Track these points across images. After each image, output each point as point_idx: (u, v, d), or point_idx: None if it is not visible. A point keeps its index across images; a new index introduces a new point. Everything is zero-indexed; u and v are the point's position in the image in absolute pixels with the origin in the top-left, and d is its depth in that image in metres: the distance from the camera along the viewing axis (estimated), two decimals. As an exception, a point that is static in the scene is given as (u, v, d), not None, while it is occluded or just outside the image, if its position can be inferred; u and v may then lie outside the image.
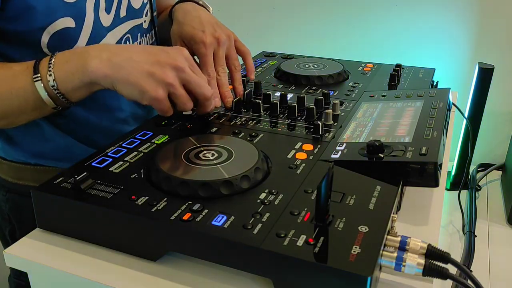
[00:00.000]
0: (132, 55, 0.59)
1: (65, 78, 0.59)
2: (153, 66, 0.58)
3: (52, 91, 0.60)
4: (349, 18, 1.53)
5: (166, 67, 0.59)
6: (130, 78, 0.58)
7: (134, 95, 0.59)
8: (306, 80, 0.90)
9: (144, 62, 0.58)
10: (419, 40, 1.47)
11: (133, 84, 0.58)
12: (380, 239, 0.46)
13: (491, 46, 1.41)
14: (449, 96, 0.77)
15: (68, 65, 0.60)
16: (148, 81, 0.58)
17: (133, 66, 0.58)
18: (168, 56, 0.60)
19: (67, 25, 0.66)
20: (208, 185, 0.52)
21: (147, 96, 0.58)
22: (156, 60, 0.59)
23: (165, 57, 0.59)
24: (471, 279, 0.47)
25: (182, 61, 0.60)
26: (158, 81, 0.58)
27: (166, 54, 0.60)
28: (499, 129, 1.47)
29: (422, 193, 0.64)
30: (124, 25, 0.75)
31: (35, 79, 0.59)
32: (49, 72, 0.59)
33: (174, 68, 0.59)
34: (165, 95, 0.59)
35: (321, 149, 0.64)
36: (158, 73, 0.58)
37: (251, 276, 0.48)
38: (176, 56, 0.60)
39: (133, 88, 0.58)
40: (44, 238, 0.55)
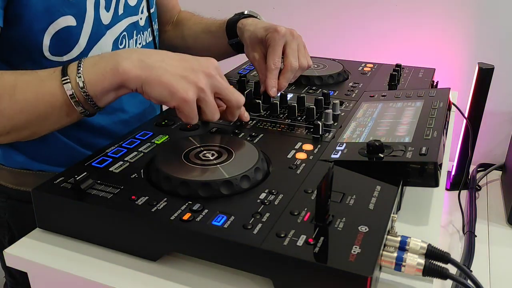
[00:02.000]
0: (164, 58, 0.60)
1: (96, 80, 0.59)
2: (186, 70, 0.59)
3: (81, 94, 0.59)
4: (349, 18, 1.53)
5: (199, 72, 0.59)
6: (162, 79, 0.57)
7: (164, 95, 0.58)
8: (306, 80, 0.90)
9: (176, 66, 0.59)
10: (419, 40, 1.47)
11: (164, 84, 0.58)
12: (380, 239, 0.46)
13: (491, 46, 1.41)
14: (449, 96, 0.77)
15: (97, 67, 0.59)
16: (181, 82, 0.58)
17: (165, 68, 0.58)
18: (200, 64, 0.60)
19: (69, 23, 0.66)
20: (208, 185, 0.52)
21: (177, 96, 0.58)
22: (189, 66, 0.59)
23: (197, 64, 0.60)
24: (471, 279, 0.47)
25: (213, 69, 0.61)
26: (190, 84, 0.58)
27: (198, 61, 0.61)
28: (499, 129, 1.47)
29: (422, 193, 0.64)
30: (121, 22, 0.75)
31: (64, 81, 0.58)
32: (78, 74, 0.58)
33: (206, 74, 0.60)
34: (194, 98, 0.59)
35: (321, 149, 0.64)
36: (191, 76, 0.58)
37: (251, 276, 0.48)
38: (208, 64, 0.61)
39: (164, 88, 0.58)
40: (44, 238, 0.55)
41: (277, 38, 0.77)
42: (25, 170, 0.76)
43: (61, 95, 0.59)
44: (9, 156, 0.76)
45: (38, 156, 0.75)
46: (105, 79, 0.58)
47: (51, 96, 0.59)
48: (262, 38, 0.80)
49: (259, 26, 0.82)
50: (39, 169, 0.75)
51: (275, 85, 0.76)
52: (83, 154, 0.74)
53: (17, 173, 0.76)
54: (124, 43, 0.77)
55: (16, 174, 0.76)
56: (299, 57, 0.79)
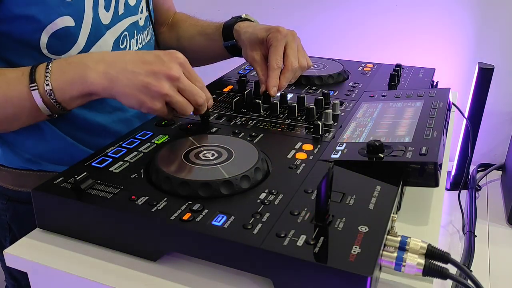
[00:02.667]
0: (127, 65, 0.60)
1: (63, 88, 0.60)
2: (148, 77, 0.59)
3: (49, 100, 0.60)
4: (349, 18, 1.53)
5: (161, 79, 0.59)
6: (126, 90, 0.59)
7: (132, 105, 0.61)
8: (306, 80, 0.90)
9: (138, 73, 0.59)
10: (419, 40, 1.47)
11: (130, 96, 0.59)
12: (380, 239, 0.46)
13: (491, 46, 1.41)
14: (449, 96, 0.77)
15: (65, 76, 0.60)
16: (144, 93, 0.59)
17: (128, 78, 0.59)
18: (163, 65, 0.60)
19: (66, 24, 0.66)
20: (208, 185, 0.52)
21: (145, 107, 0.60)
22: (151, 70, 0.59)
23: (159, 66, 0.60)
24: (471, 279, 0.47)
25: (176, 69, 0.60)
26: (154, 93, 0.59)
27: (161, 62, 0.60)
28: (499, 129, 1.47)
29: (422, 193, 0.64)
30: (122, 22, 0.75)
31: (32, 88, 0.59)
32: (46, 82, 0.59)
33: (169, 78, 0.60)
34: (162, 105, 0.60)
35: (321, 149, 0.64)
36: (154, 84, 0.59)
37: (251, 276, 0.48)
38: (171, 64, 0.60)
39: (131, 99, 0.60)
40: (44, 238, 0.55)
41: (279, 38, 0.77)
42: (26, 170, 0.76)
43: (29, 100, 0.60)
44: (9, 156, 0.76)
45: (39, 156, 0.75)
46: (73, 88, 0.60)
47: (19, 100, 0.60)
48: (263, 38, 0.80)
49: (258, 27, 0.83)
50: (40, 169, 0.75)
51: (276, 84, 0.76)
52: (85, 153, 0.74)
53: (18, 174, 0.76)
54: (125, 43, 0.77)
55: (16, 175, 0.76)
56: (299, 57, 0.79)
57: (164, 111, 0.61)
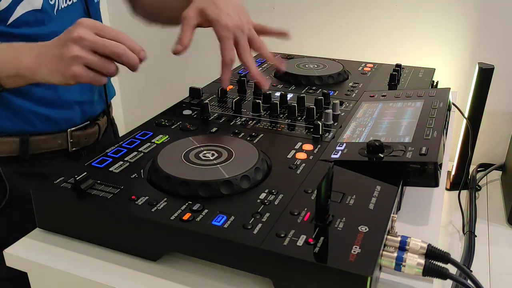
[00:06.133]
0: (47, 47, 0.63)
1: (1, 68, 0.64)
2: (58, 48, 0.62)
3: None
4: (349, 18, 1.52)
5: (68, 44, 0.61)
6: (49, 68, 0.62)
7: (61, 80, 0.62)
8: (306, 80, 0.90)
9: (52, 49, 0.62)
10: (419, 40, 1.47)
11: (53, 71, 0.62)
12: (380, 239, 0.46)
13: (491, 46, 1.41)
14: (449, 96, 0.77)
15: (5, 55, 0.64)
16: (60, 63, 0.61)
17: (47, 56, 0.62)
18: (68, 33, 0.62)
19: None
20: (208, 185, 0.52)
21: (67, 76, 0.61)
22: (60, 43, 0.62)
23: (65, 36, 0.62)
24: (471, 279, 0.47)
25: (81, 31, 0.61)
26: (67, 60, 0.61)
27: (67, 32, 0.63)
28: (499, 129, 1.47)
29: (422, 193, 0.64)
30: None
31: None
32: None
33: (74, 41, 0.61)
34: (80, 69, 0.61)
35: (321, 149, 0.64)
36: (63, 52, 0.61)
37: (251, 276, 0.48)
38: (75, 29, 0.62)
39: (56, 75, 0.62)
40: (44, 238, 0.55)
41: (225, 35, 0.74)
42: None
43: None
44: None
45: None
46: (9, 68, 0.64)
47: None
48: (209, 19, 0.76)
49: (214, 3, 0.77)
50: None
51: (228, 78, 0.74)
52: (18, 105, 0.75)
53: None
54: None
55: None
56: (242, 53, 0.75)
57: (87, 74, 0.61)
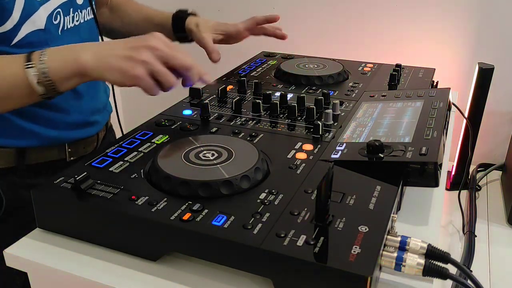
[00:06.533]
0: (113, 46, 0.66)
1: (58, 67, 0.63)
2: (130, 50, 0.65)
3: (43, 79, 0.63)
4: (349, 18, 1.52)
5: (141, 49, 0.65)
6: (112, 64, 0.64)
7: (118, 78, 0.64)
8: (306, 80, 0.90)
9: (121, 49, 0.65)
10: (419, 40, 1.47)
11: (115, 68, 0.64)
12: (380, 239, 0.46)
13: (491, 46, 1.41)
14: (449, 96, 0.77)
15: (59, 56, 0.64)
16: (127, 63, 0.64)
17: (113, 55, 0.65)
18: (143, 40, 0.66)
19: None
20: (208, 185, 0.52)
21: (128, 76, 0.64)
22: (132, 46, 0.65)
23: (139, 42, 0.66)
24: (471, 279, 0.47)
25: (155, 41, 0.66)
26: (135, 61, 0.64)
27: (141, 39, 0.67)
28: (499, 129, 1.47)
29: (422, 193, 0.64)
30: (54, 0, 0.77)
31: (26, 66, 0.63)
32: (41, 60, 0.63)
33: (148, 48, 0.65)
34: (144, 72, 0.64)
35: (321, 149, 0.64)
36: (135, 54, 0.64)
37: (251, 276, 0.48)
38: (150, 38, 0.66)
39: (116, 72, 0.64)
40: (44, 238, 0.55)
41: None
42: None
43: (22, 77, 0.63)
44: None
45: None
46: (66, 67, 0.64)
47: (14, 77, 0.63)
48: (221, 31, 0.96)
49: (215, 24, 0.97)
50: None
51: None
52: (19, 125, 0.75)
53: None
54: (58, 18, 0.77)
55: None
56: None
57: (148, 80, 0.64)
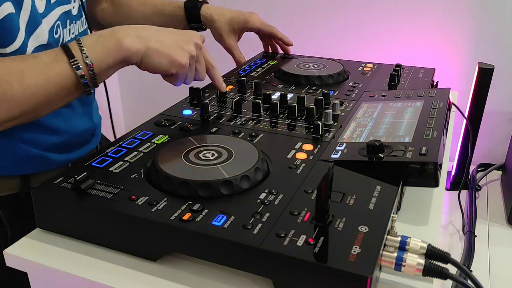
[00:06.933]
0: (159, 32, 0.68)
1: (101, 58, 0.62)
2: (180, 42, 0.68)
3: (88, 73, 0.62)
4: (349, 18, 1.52)
5: (191, 43, 0.69)
6: (160, 49, 0.65)
7: (163, 64, 0.66)
8: (306, 80, 0.90)
9: (170, 39, 0.67)
10: (419, 40, 1.47)
11: (163, 54, 0.65)
12: (380, 239, 0.46)
13: (491, 46, 1.41)
14: (449, 96, 0.77)
15: (101, 46, 0.63)
16: (177, 51, 0.67)
17: (161, 40, 0.66)
18: (190, 36, 0.70)
19: (9, 10, 0.64)
20: (208, 185, 0.52)
21: (176, 63, 0.66)
22: (181, 38, 0.69)
23: (188, 36, 0.70)
24: (471, 279, 0.47)
25: (199, 40, 0.71)
26: (186, 52, 0.68)
27: (187, 34, 0.70)
28: (499, 129, 1.47)
29: (422, 193, 0.64)
30: (55, 11, 0.74)
31: (73, 63, 0.61)
32: (84, 54, 0.61)
33: (195, 45, 0.70)
34: (188, 63, 0.68)
35: (321, 149, 0.64)
36: (186, 46, 0.68)
37: (251, 276, 0.48)
38: (196, 36, 0.71)
39: (163, 57, 0.65)
40: (44, 238, 0.55)
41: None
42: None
43: (70, 76, 0.61)
44: None
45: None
46: (109, 56, 0.63)
47: (60, 78, 0.61)
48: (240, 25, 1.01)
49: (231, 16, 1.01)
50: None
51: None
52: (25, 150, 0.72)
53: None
54: (58, 32, 0.74)
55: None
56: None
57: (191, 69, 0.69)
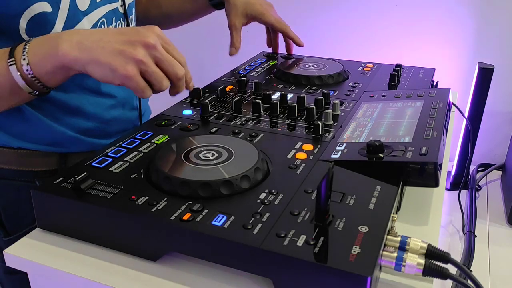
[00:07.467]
0: (102, 37, 0.59)
1: (38, 62, 0.59)
2: (123, 45, 0.58)
3: (27, 76, 0.59)
4: (349, 18, 1.53)
5: (136, 45, 0.58)
6: (100, 58, 0.57)
7: (106, 75, 0.58)
8: (306, 80, 0.90)
9: (114, 42, 0.58)
10: (419, 40, 1.47)
11: (103, 63, 0.57)
12: (380, 239, 0.46)
13: (491, 46, 1.41)
14: (449, 96, 0.77)
15: (40, 49, 0.59)
16: (118, 59, 0.57)
17: (102, 47, 0.58)
18: (139, 35, 0.59)
19: (44, 9, 0.66)
20: (208, 185, 0.52)
21: (117, 74, 0.57)
22: (126, 40, 0.58)
23: (135, 36, 0.59)
24: (471, 279, 0.47)
25: (153, 38, 0.59)
26: (128, 59, 0.57)
27: (137, 32, 0.59)
28: (499, 129, 1.47)
29: (422, 193, 0.64)
30: (100, 9, 0.75)
31: (9, 63, 0.59)
32: (23, 56, 0.59)
33: (144, 45, 0.58)
34: (135, 72, 0.58)
35: (321, 149, 0.64)
36: (128, 50, 0.57)
37: (251, 276, 0.48)
38: (148, 34, 0.59)
39: (104, 68, 0.58)
40: (44, 238, 0.55)
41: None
42: (6, 148, 0.75)
43: (8, 76, 0.59)
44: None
45: (18, 132, 0.74)
46: (47, 62, 0.59)
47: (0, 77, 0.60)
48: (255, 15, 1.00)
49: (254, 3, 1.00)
50: (20, 147, 0.75)
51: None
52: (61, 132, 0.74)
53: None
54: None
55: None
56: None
57: (138, 80, 0.58)
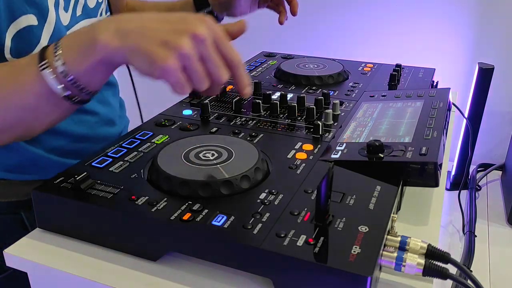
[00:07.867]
0: (145, 23, 0.50)
1: (75, 61, 0.51)
2: (169, 34, 0.49)
3: (63, 79, 0.51)
4: (349, 18, 1.53)
5: (184, 36, 0.49)
6: (140, 46, 0.49)
7: (144, 66, 0.50)
8: (306, 80, 0.90)
9: (158, 30, 0.49)
10: (419, 40, 1.47)
11: (143, 52, 0.49)
12: (380, 239, 0.46)
13: (491, 46, 1.41)
14: (449, 96, 0.77)
15: (75, 45, 0.51)
16: (160, 49, 0.48)
17: (144, 33, 0.49)
18: (187, 23, 0.50)
19: (30, 22, 0.62)
20: (208, 185, 0.52)
21: (156, 66, 0.48)
22: (173, 28, 0.49)
23: (182, 24, 0.50)
24: (471, 279, 0.47)
25: (204, 30, 0.49)
26: (171, 50, 0.48)
27: (184, 20, 0.50)
28: (499, 129, 1.47)
29: (422, 193, 0.64)
30: (80, 24, 0.72)
31: (41, 67, 0.51)
32: (56, 57, 0.51)
33: (193, 37, 0.49)
34: (177, 66, 0.48)
35: (321, 149, 0.64)
36: (174, 41, 0.48)
37: (251, 276, 0.48)
38: (198, 24, 0.49)
39: (143, 57, 0.49)
40: (44, 238, 0.55)
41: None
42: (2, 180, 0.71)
43: (40, 83, 0.52)
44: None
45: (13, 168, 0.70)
46: (85, 58, 0.51)
47: (31, 85, 0.52)
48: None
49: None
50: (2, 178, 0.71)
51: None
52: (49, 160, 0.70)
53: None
54: None
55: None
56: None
57: (179, 75, 0.49)
